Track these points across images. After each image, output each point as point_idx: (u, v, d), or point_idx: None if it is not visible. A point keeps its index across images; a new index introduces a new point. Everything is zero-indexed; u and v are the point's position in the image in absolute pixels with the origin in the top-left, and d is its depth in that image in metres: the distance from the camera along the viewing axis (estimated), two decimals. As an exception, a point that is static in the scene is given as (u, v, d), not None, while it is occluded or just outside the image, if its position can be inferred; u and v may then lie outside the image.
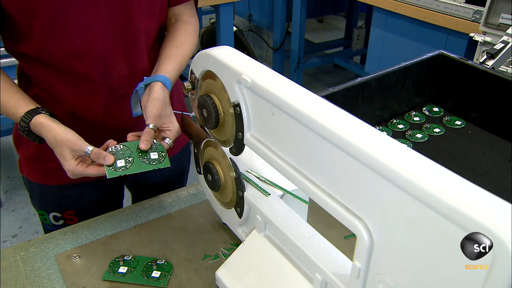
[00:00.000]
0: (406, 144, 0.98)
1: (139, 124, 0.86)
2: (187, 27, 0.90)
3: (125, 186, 1.08)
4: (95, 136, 0.85)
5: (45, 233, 0.97)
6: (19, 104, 0.75)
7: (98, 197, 0.96)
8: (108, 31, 0.78)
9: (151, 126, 0.76)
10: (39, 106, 0.75)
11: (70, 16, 0.73)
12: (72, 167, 0.72)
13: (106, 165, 0.72)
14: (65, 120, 0.81)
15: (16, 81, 0.84)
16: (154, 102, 0.77)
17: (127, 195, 1.11)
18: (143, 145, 0.74)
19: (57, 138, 0.72)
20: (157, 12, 0.84)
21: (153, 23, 0.85)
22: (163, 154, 0.76)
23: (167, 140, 0.78)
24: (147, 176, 1.00)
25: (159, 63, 0.84)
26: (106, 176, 0.72)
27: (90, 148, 0.72)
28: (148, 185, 1.04)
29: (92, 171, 0.72)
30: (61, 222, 0.95)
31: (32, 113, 0.73)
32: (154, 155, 0.75)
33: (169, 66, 0.83)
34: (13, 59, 0.83)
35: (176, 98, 0.99)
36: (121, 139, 0.80)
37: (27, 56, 0.79)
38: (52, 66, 0.79)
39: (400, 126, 1.04)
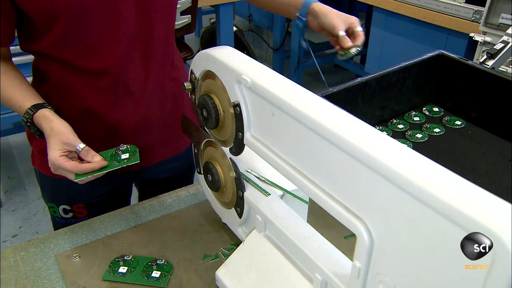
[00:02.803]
0: (406, 144, 0.98)
1: (149, 120, 0.90)
2: None
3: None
4: (106, 131, 0.88)
5: (54, 226, 0.99)
6: (26, 98, 0.77)
7: (108, 191, 0.97)
8: (127, 31, 0.79)
9: (341, 33, 0.87)
10: (45, 102, 0.77)
11: (90, 19, 0.75)
12: (53, 156, 0.72)
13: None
14: (78, 115, 0.85)
15: (31, 77, 0.88)
16: (331, 13, 0.88)
17: (135, 193, 1.11)
18: (349, 43, 0.86)
19: (54, 129, 0.73)
20: (174, 11, 0.86)
21: (170, 22, 0.87)
22: (133, 153, 0.77)
23: (358, 28, 0.88)
24: (155, 171, 1.01)
25: None
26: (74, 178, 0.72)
27: (82, 145, 0.73)
28: (156, 181, 1.05)
29: (69, 165, 0.71)
30: (70, 215, 0.96)
31: (38, 107, 0.75)
32: (125, 156, 0.77)
33: None
34: (26, 57, 0.85)
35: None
36: (132, 134, 0.84)
37: (43, 54, 0.80)
38: (67, 64, 0.80)
39: (400, 126, 1.04)
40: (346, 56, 0.89)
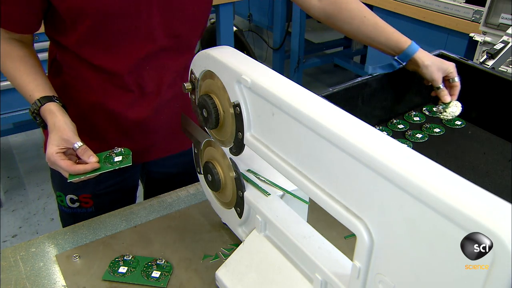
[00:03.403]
0: (406, 144, 0.97)
1: (158, 118, 0.91)
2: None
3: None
4: (115, 127, 0.89)
5: (60, 215, 1.01)
6: (37, 88, 0.78)
7: (114, 183, 0.98)
8: (148, 37, 0.81)
9: (440, 87, 0.92)
10: (55, 95, 0.79)
11: (114, 21, 0.77)
12: (50, 152, 0.73)
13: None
14: (89, 108, 0.87)
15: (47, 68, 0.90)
16: (432, 67, 0.90)
17: (140, 191, 1.11)
18: (448, 98, 0.92)
19: (56, 125, 0.75)
20: (199, 20, 0.88)
21: (197, 33, 0.89)
22: (126, 156, 0.78)
23: (455, 79, 0.92)
24: (161, 165, 1.04)
25: (388, 35, 0.93)
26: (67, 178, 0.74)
27: (79, 143, 0.74)
28: (162, 174, 1.07)
29: (63, 164, 0.72)
30: (77, 204, 0.96)
31: (46, 99, 0.77)
32: (118, 158, 0.78)
33: (396, 34, 0.94)
34: (45, 54, 0.88)
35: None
36: (140, 131, 0.87)
37: (64, 47, 0.82)
38: (84, 60, 0.82)
39: (400, 126, 1.04)
40: (446, 117, 0.94)
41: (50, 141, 0.74)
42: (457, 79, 0.93)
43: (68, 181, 0.73)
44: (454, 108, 0.92)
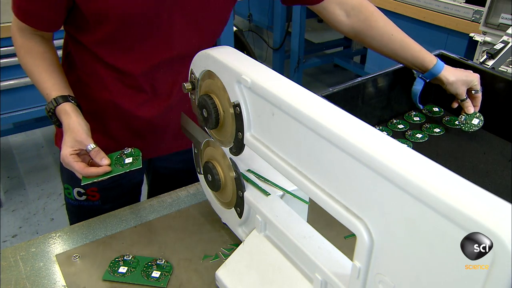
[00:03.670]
0: (406, 144, 0.98)
1: (168, 117, 0.92)
2: (372, 9, 0.94)
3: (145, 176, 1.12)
4: (126, 124, 0.91)
5: (67, 207, 1.02)
6: (54, 87, 0.80)
7: (121, 177, 0.98)
8: (166, 43, 0.82)
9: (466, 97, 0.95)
10: (71, 95, 0.80)
11: (136, 27, 0.78)
12: (65, 153, 0.75)
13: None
14: (101, 105, 0.88)
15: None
16: (456, 83, 0.93)
17: (144, 189, 1.12)
18: (472, 109, 0.94)
19: (70, 126, 0.76)
20: (217, 33, 0.90)
21: (209, 43, 0.90)
22: (136, 158, 0.79)
23: (478, 92, 0.94)
24: (168, 161, 1.05)
25: (414, 53, 0.93)
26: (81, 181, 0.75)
27: (92, 145, 0.76)
28: (168, 170, 1.07)
29: (76, 166, 0.74)
30: (83, 197, 0.97)
31: (62, 99, 0.78)
32: (128, 160, 0.79)
33: (422, 52, 0.93)
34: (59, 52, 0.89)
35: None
36: (149, 129, 0.88)
37: (80, 43, 0.83)
38: (101, 59, 0.83)
39: (400, 126, 1.04)
40: (469, 129, 0.95)
41: (64, 142, 0.76)
42: (479, 92, 0.95)
43: (82, 184, 0.74)
44: (476, 120, 0.94)
